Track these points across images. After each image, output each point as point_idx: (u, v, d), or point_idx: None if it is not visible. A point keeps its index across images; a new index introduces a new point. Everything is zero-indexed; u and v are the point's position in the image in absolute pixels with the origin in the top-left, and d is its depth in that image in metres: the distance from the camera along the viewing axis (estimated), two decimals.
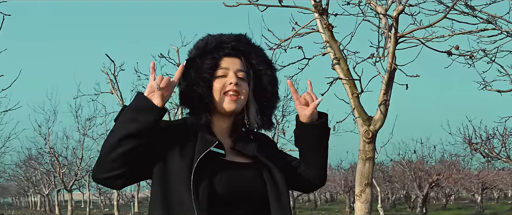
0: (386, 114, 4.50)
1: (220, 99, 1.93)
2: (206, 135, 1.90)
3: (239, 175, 1.89)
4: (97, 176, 1.82)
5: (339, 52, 4.35)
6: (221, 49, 1.98)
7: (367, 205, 4.62)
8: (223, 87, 1.93)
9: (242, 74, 1.97)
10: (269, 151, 2.04)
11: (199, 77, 1.93)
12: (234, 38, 2.02)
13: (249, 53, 2.04)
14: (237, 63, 1.98)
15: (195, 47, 2.02)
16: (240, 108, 1.97)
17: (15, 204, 66.31)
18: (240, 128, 2.03)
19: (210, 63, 1.94)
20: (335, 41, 4.32)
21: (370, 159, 4.56)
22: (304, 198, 46.69)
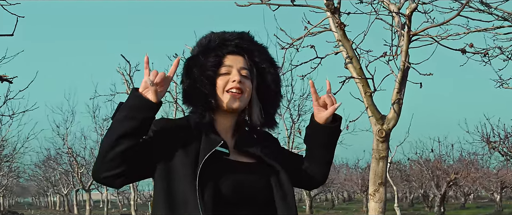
0: (399, 113, 4.47)
1: (223, 97, 1.91)
2: (211, 134, 1.89)
3: (244, 175, 1.88)
4: (96, 176, 1.81)
5: (351, 51, 4.32)
6: (224, 47, 1.97)
7: (381, 204, 4.58)
8: (226, 84, 1.92)
9: (245, 72, 1.96)
10: (273, 150, 2.03)
11: (202, 75, 1.91)
12: (237, 35, 2.01)
13: (252, 51, 2.02)
14: (241, 61, 1.97)
15: (198, 45, 2.01)
16: (243, 106, 1.96)
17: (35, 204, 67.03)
18: (244, 127, 2.01)
19: (214, 61, 1.93)
20: (347, 40, 4.30)
21: (383, 158, 4.53)
22: (322, 197, 46.64)
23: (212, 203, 1.75)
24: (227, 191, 1.81)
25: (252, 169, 1.92)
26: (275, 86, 2.05)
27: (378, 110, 4.45)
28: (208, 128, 1.91)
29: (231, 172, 1.86)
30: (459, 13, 4.09)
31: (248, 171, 1.91)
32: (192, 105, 1.94)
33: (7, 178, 30.94)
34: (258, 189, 1.88)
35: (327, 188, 34.49)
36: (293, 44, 4.58)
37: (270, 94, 2.04)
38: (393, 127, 4.51)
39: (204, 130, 1.89)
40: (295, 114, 16.73)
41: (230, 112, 1.95)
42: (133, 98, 1.79)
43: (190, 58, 1.98)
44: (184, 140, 1.86)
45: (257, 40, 2.08)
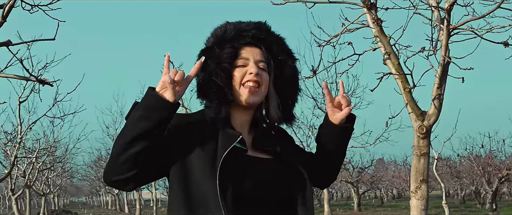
0: (440, 109, 4.39)
1: (240, 91, 1.83)
2: (227, 129, 1.81)
3: (264, 172, 1.81)
4: (107, 178, 1.74)
5: (389, 46, 4.27)
6: (240, 38, 1.88)
7: (423, 202, 4.52)
8: (242, 77, 1.84)
9: (262, 65, 1.88)
10: (289, 146, 2.00)
11: (218, 67, 1.82)
12: (254, 26, 1.92)
13: (269, 42, 1.93)
14: (258, 53, 1.89)
15: (213, 35, 1.92)
16: (260, 100, 1.88)
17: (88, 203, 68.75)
18: (261, 122, 1.95)
19: (230, 52, 1.84)
20: (384, 35, 4.25)
21: (424, 155, 4.46)
22: (370, 194, 46.16)
23: (233, 202, 1.69)
24: (248, 189, 1.74)
25: (272, 166, 1.85)
26: (294, 79, 1.97)
27: (418, 106, 4.38)
28: (224, 123, 1.82)
29: (251, 170, 1.78)
30: (500, 5, 4.00)
31: (268, 168, 1.83)
32: (208, 99, 1.85)
33: (61, 178, 31.80)
34: (278, 187, 1.81)
35: (375, 185, 34.12)
36: (330, 41, 4.56)
37: (288, 87, 1.96)
38: (434, 123, 4.43)
39: (220, 125, 1.81)
40: None
41: (246, 106, 1.87)
42: (149, 97, 1.69)
43: (204, 50, 1.89)
44: (200, 137, 1.78)
45: (274, 31, 1.98)
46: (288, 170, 1.87)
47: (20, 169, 17.04)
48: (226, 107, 1.81)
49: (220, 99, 1.81)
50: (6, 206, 43.14)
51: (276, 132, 2.00)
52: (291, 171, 1.87)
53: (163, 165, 1.77)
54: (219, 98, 1.81)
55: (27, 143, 15.86)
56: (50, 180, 22.70)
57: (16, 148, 9.04)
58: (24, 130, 9.75)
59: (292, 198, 1.84)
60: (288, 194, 1.84)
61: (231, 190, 1.70)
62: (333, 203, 40.74)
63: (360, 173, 27.49)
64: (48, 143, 17.50)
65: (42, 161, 18.10)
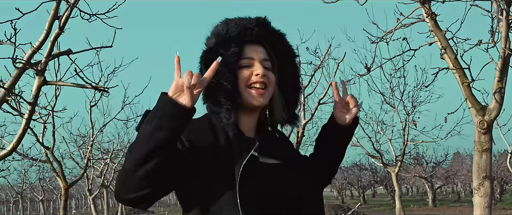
0: (502, 103, 4.25)
1: (246, 93, 1.75)
2: (240, 135, 1.74)
3: (278, 178, 1.75)
4: (121, 197, 1.59)
5: (444, 40, 4.17)
6: (244, 36, 1.78)
7: (486, 199, 4.40)
8: (248, 79, 1.75)
9: (267, 64, 1.80)
10: (293, 149, 1.97)
11: (225, 69, 1.71)
12: (256, 22, 1.82)
13: (272, 39, 1.85)
14: (262, 52, 1.80)
15: (214, 34, 1.81)
16: (266, 102, 1.80)
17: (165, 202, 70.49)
18: (267, 125, 1.89)
19: (234, 52, 1.74)
20: (439, 29, 4.16)
21: (487, 151, 4.33)
22: (447, 189, 44.89)
23: (251, 209, 1.61)
24: (264, 196, 1.66)
25: (284, 172, 1.78)
26: (296, 78, 1.91)
27: (477, 100, 4.26)
28: (235, 129, 1.74)
29: (265, 175, 1.71)
30: None
31: (281, 174, 1.77)
32: (215, 103, 1.75)
33: None
34: (293, 192, 1.76)
35: (451, 179, 33.17)
36: (383, 37, 4.50)
37: (291, 87, 1.89)
38: (496, 118, 4.30)
39: (231, 131, 1.73)
40: (409, 106, 16.29)
41: (252, 109, 1.79)
42: (164, 104, 1.53)
43: (208, 51, 1.79)
44: (213, 144, 1.69)
45: (274, 27, 1.88)
46: (299, 175, 1.81)
47: (97, 170, 17.73)
48: (235, 111, 1.73)
49: (230, 104, 1.72)
50: (87, 206, 44.91)
51: (281, 136, 1.96)
52: (302, 175, 1.82)
53: (179, 177, 1.66)
54: (229, 102, 1.72)
55: (103, 144, 16.49)
56: None
57: (88, 150, 9.40)
58: (96, 133, 10.09)
59: (305, 201, 1.78)
60: (302, 198, 1.78)
61: (249, 198, 1.62)
62: (408, 198, 39.94)
63: (434, 168, 26.80)
64: (122, 144, 18.08)
65: (118, 161, 18.71)
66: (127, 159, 1.55)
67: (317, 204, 1.82)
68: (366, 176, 35.48)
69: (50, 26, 3.64)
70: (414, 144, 18.22)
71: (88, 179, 15.45)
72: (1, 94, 3.64)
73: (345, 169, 35.60)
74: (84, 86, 3.29)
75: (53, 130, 8.44)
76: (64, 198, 8.83)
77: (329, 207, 21.70)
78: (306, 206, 1.77)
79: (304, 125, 10.51)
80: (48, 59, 3.37)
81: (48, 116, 8.58)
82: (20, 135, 3.38)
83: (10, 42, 3.49)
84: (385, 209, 26.14)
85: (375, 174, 34.51)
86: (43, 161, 8.90)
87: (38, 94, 3.38)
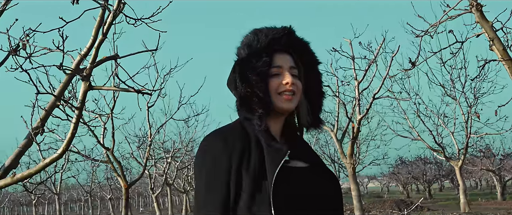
0: None
1: (276, 100, 1.83)
2: (272, 142, 1.81)
3: (308, 182, 1.80)
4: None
5: (492, 32, 4.06)
6: (272, 45, 1.87)
7: None
8: (278, 86, 1.84)
9: (295, 72, 1.88)
10: (316, 155, 1.98)
11: (257, 78, 1.81)
12: (283, 32, 1.91)
13: (298, 48, 1.93)
14: (289, 60, 1.89)
15: (245, 45, 1.90)
16: (294, 107, 1.88)
17: None
18: (294, 129, 1.96)
19: (265, 61, 1.83)
20: (486, 21, 4.05)
21: None
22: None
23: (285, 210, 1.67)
24: (294, 200, 1.72)
25: (312, 175, 1.84)
26: (319, 84, 1.97)
27: None
28: (267, 136, 1.82)
29: (296, 181, 1.77)
30: None
31: (310, 177, 1.83)
32: (249, 111, 1.83)
33: None
34: (319, 195, 1.80)
35: None
36: (428, 30, 4.41)
37: (314, 93, 1.96)
38: None
39: (261, 136, 1.81)
40: (472, 97, 15.84)
41: (280, 114, 1.88)
42: None
43: (240, 61, 1.88)
44: (247, 152, 1.77)
45: (298, 36, 1.97)
46: (325, 177, 1.87)
47: (159, 169, 18.14)
48: (266, 118, 1.81)
49: (263, 110, 1.81)
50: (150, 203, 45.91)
51: (305, 141, 2.01)
52: (329, 178, 1.88)
53: None
54: (262, 110, 1.80)
55: (165, 144, 16.86)
56: (189, 178, 23.82)
57: (146, 150, 9.64)
58: (154, 133, 10.34)
59: (332, 203, 1.84)
60: (329, 200, 1.83)
61: (281, 200, 1.68)
62: (476, 192, 38.80)
63: (502, 161, 25.93)
64: (184, 143, 18.42)
65: (180, 160, 19.07)
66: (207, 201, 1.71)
67: (340, 206, 1.87)
68: (431, 170, 34.68)
69: (97, 33, 3.77)
70: (478, 137, 17.72)
71: (151, 178, 15.83)
72: (52, 100, 3.81)
73: (409, 163, 34.95)
74: (127, 90, 3.40)
75: (112, 131, 8.70)
76: (125, 197, 9.11)
77: (391, 202, 21.40)
78: (333, 207, 1.83)
79: (359, 120, 10.42)
80: (93, 65, 3.50)
81: (108, 118, 8.89)
82: (69, 139, 3.52)
83: (59, 49, 3.64)
84: (451, 204, 25.52)
85: (440, 168, 33.69)
86: (104, 161, 9.22)
87: (85, 99, 3.51)
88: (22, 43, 3.99)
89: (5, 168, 3.77)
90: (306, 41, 1.97)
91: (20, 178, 3.57)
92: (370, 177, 56.99)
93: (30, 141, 3.86)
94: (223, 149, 1.75)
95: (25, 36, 4.04)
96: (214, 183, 1.71)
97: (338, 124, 12.14)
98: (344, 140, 11.70)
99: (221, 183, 1.71)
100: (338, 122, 12.17)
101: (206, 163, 1.74)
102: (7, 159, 3.82)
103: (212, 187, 1.71)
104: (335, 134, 11.47)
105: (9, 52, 3.92)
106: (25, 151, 3.88)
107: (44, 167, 3.56)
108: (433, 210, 20.13)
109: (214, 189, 1.70)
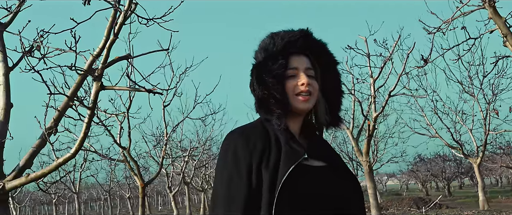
0: None
1: (293, 100, 1.88)
2: (290, 142, 1.86)
3: (324, 179, 1.83)
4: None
5: (505, 28, 4.02)
6: (289, 48, 1.93)
7: None
8: (295, 88, 1.89)
9: (311, 72, 1.93)
10: (336, 154, 2.00)
11: (274, 81, 1.87)
12: (300, 34, 1.96)
13: (314, 49, 1.97)
14: (305, 61, 1.94)
15: (262, 49, 1.97)
16: (312, 106, 1.93)
17: None
18: (312, 128, 2.00)
19: (281, 64, 1.89)
20: (499, 17, 4.02)
21: None
22: None
23: (300, 209, 1.73)
24: (309, 199, 1.76)
25: (329, 174, 1.86)
26: (338, 82, 2.01)
27: None
28: (286, 135, 1.88)
29: (312, 179, 1.81)
30: None
31: (326, 176, 1.85)
32: (268, 112, 1.89)
33: None
34: (336, 195, 1.83)
35: None
36: (440, 27, 4.38)
37: (334, 91, 1.99)
38: None
39: (281, 135, 1.87)
40: (490, 94, 15.67)
41: (298, 114, 1.93)
42: None
43: (257, 65, 1.95)
44: (267, 150, 1.83)
45: (316, 37, 2.01)
46: (344, 177, 1.89)
47: (177, 167, 18.21)
48: (285, 118, 1.87)
49: (281, 111, 1.86)
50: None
51: (325, 140, 2.04)
52: (348, 178, 1.90)
53: None
54: (280, 110, 1.86)
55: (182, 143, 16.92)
56: (207, 176, 23.89)
57: (162, 149, 9.70)
58: (170, 132, 10.39)
59: (352, 202, 1.87)
60: (348, 199, 1.86)
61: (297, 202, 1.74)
62: (497, 189, 38.42)
63: None
64: (201, 142, 18.46)
65: (198, 159, 19.12)
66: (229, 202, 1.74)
67: (361, 205, 1.90)
68: (450, 168, 34.38)
69: (109, 33, 3.80)
70: (497, 134, 17.52)
71: (168, 176, 15.91)
72: (65, 101, 3.85)
73: (428, 161, 34.68)
74: (138, 89, 3.43)
75: (128, 131, 8.75)
76: (142, 195, 9.17)
77: (410, 200, 21.27)
78: (352, 207, 1.86)
79: (375, 118, 10.38)
80: (104, 65, 3.53)
81: (124, 118, 8.95)
82: (82, 139, 3.56)
83: (71, 50, 3.68)
84: (470, 201, 25.30)
85: (459, 165, 33.39)
86: (121, 160, 9.29)
87: (97, 99, 3.55)
88: (37, 44, 4.05)
89: (19, 168, 3.82)
90: (324, 42, 2.01)
91: (34, 178, 3.62)
92: (389, 174, 56.69)
93: (44, 141, 3.91)
94: (244, 146, 1.80)
95: (39, 37, 4.10)
96: (236, 180, 1.75)
97: (354, 122, 12.10)
98: (360, 138, 11.66)
99: (242, 180, 1.75)
100: (354, 120, 12.14)
101: (228, 160, 1.79)
102: (22, 159, 3.88)
103: (234, 184, 1.75)
104: (351, 132, 11.44)
105: (23, 53, 3.98)
106: (39, 151, 3.94)
107: (57, 167, 3.60)
108: (451, 208, 19.98)
109: (236, 187, 1.75)
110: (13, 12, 4.39)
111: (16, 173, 3.79)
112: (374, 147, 24.87)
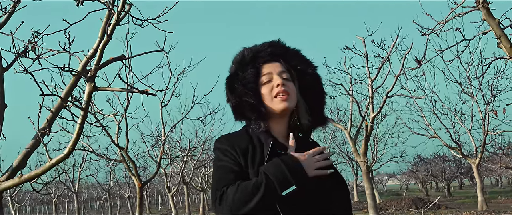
0: None
1: (273, 103, 1.96)
2: (268, 139, 1.93)
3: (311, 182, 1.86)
4: None
5: (498, 29, 4.03)
6: (259, 57, 2.03)
7: None
8: (271, 91, 1.97)
9: (285, 75, 2.00)
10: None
11: (245, 88, 1.97)
12: (269, 44, 2.06)
13: (286, 55, 2.06)
14: (278, 66, 2.02)
15: (234, 62, 2.08)
16: (293, 106, 1.99)
17: None
18: (297, 131, 2.03)
19: (252, 72, 1.99)
20: (493, 18, 4.02)
21: None
22: None
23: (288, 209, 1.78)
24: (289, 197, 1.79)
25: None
26: (317, 85, 2.07)
27: None
28: (266, 136, 1.94)
29: None
30: None
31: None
32: (245, 119, 2.00)
33: None
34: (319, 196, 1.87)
35: None
36: (434, 29, 4.39)
37: (313, 93, 2.06)
38: None
39: (263, 138, 1.94)
40: (489, 95, 15.67)
41: (282, 115, 1.99)
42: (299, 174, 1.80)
43: (229, 77, 2.06)
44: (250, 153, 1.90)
45: (289, 46, 2.11)
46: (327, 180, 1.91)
47: (176, 167, 18.21)
48: (264, 121, 1.96)
49: (256, 115, 1.96)
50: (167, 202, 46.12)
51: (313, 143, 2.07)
52: (332, 177, 1.93)
53: None
54: (255, 114, 1.96)
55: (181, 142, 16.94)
56: (206, 176, 23.91)
57: (160, 150, 9.70)
58: (167, 132, 10.39)
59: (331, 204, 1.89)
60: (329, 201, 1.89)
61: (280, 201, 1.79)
62: (496, 190, 38.38)
63: None
64: (200, 142, 18.46)
65: (197, 158, 19.12)
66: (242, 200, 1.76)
67: (346, 205, 1.95)
68: (450, 168, 34.35)
69: (103, 34, 3.80)
70: (496, 134, 17.49)
71: (167, 176, 15.92)
72: (58, 102, 3.86)
73: (427, 161, 34.65)
74: (131, 90, 3.43)
75: (126, 131, 8.74)
76: (139, 196, 9.17)
77: (409, 200, 21.25)
78: (337, 206, 1.90)
79: (372, 118, 10.37)
80: (98, 66, 3.53)
81: (122, 118, 8.94)
82: (75, 139, 3.56)
83: (65, 51, 3.68)
84: (470, 202, 25.28)
85: (459, 166, 33.36)
86: (119, 160, 9.29)
87: (90, 100, 3.54)
88: (31, 45, 4.05)
89: (13, 169, 3.83)
90: (297, 49, 2.11)
91: (27, 179, 3.62)
92: (389, 175, 56.67)
93: (38, 142, 3.91)
94: (229, 145, 1.91)
95: (33, 37, 4.10)
96: (226, 165, 1.86)
97: (351, 122, 12.11)
98: (358, 138, 11.65)
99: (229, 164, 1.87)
100: (351, 120, 12.15)
101: (218, 156, 1.91)
102: (15, 160, 3.88)
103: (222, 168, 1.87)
104: (348, 132, 11.44)
105: (16, 54, 3.98)
106: (33, 151, 3.94)
107: (50, 167, 3.60)
108: (450, 208, 19.95)
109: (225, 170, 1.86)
110: (7, 13, 4.39)
111: (9, 174, 3.79)
112: (374, 147, 24.93)
